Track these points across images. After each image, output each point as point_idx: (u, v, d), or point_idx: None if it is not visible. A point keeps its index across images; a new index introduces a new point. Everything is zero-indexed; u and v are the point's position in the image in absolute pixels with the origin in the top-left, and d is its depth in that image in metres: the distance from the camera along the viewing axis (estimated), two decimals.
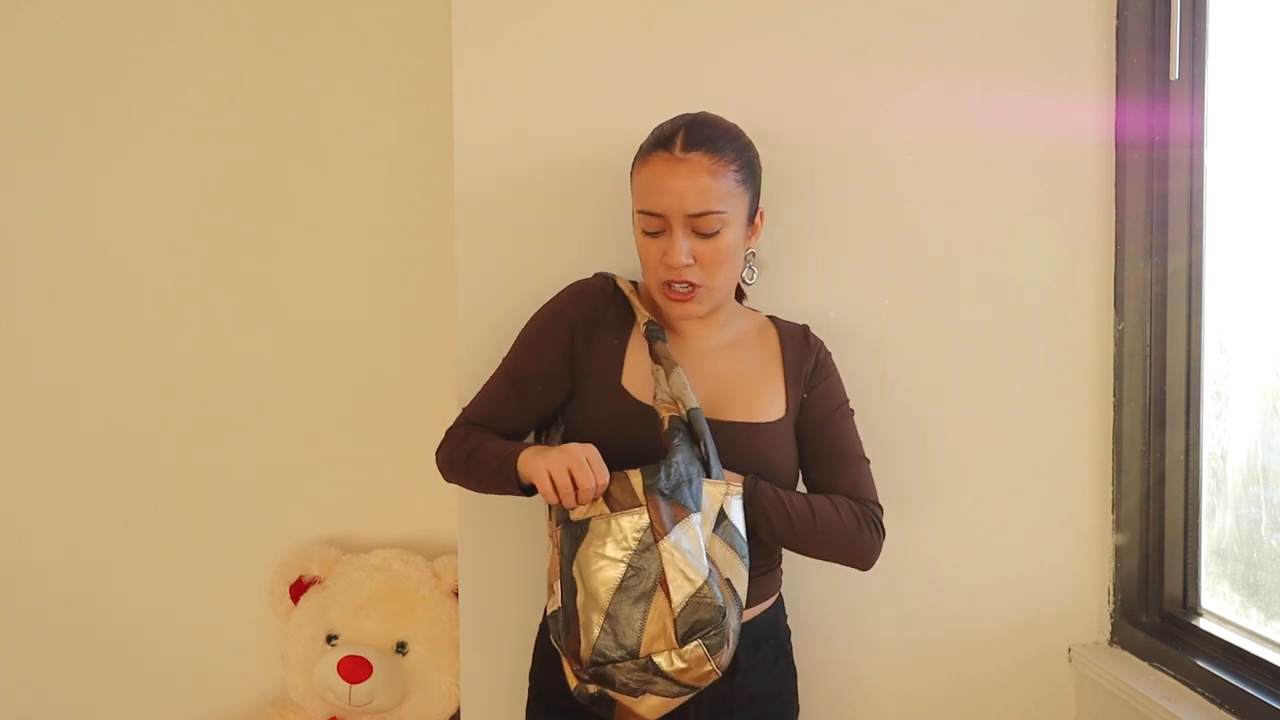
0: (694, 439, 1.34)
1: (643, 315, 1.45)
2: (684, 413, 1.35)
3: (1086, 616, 1.84)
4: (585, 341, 1.45)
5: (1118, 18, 1.78)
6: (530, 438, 1.52)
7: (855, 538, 1.44)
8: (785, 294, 1.71)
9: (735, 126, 1.44)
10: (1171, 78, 1.72)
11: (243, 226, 2.20)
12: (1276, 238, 1.68)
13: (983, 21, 1.77)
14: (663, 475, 1.30)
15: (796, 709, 1.54)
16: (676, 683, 1.26)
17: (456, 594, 1.95)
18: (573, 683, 1.31)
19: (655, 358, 1.41)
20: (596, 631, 1.26)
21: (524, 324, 1.51)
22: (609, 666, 1.26)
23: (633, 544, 1.28)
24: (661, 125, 1.42)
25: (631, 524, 1.29)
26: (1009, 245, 1.79)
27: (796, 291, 1.73)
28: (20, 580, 2.18)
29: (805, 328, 1.57)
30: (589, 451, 1.31)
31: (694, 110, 1.46)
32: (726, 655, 1.28)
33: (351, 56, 2.20)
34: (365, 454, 2.22)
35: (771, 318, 1.58)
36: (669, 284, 1.39)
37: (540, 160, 1.68)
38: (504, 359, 1.51)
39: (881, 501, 1.52)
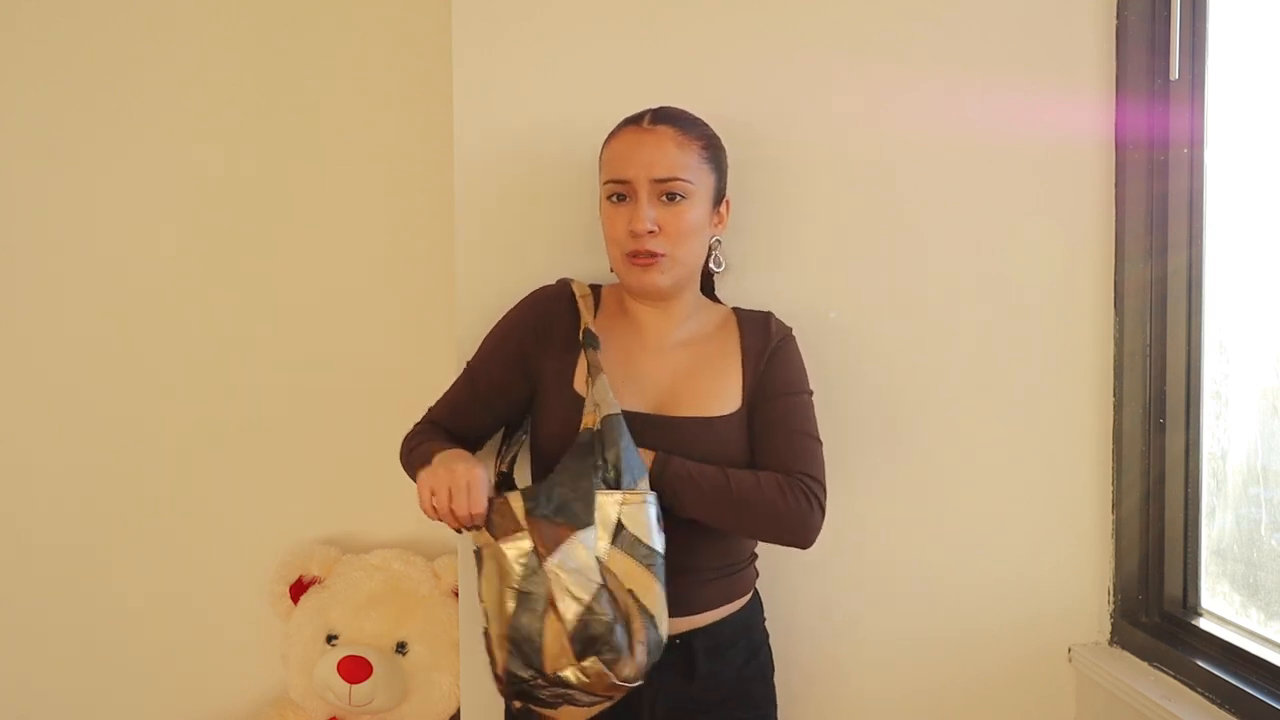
0: (605, 447, 1.33)
1: (587, 321, 1.46)
2: (596, 424, 1.34)
3: (1086, 616, 1.84)
4: (540, 348, 1.47)
5: (1118, 18, 1.78)
6: (500, 436, 1.56)
7: (780, 508, 1.37)
8: (785, 293, 1.71)
9: (702, 119, 1.48)
10: (1171, 78, 1.72)
11: (243, 226, 2.20)
12: (1276, 238, 1.68)
13: (983, 21, 1.77)
14: (542, 498, 1.31)
15: (773, 713, 1.53)
16: (589, 693, 1.29)
17: (456, 594, 1.95)
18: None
19: (588, 366, 1.42)
20: (505, 655, 1.29)
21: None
22: (524, 686, 1.29)
23: (519, 570, 1.29)
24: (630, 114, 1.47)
25: (515, 551, 1.30)
26: (1009, 245, 1.79)
27: (796, 291, 1.73)
28: (20, 579, 2.18)
29: (768, 315, 1.55)
30: (472, 476, 1.31)
31: (689, 111, 1.48)
32: (630, 666, 1.28)
33: (351, 56, 2.20)
34: (365, 454, 2.22)
35: (735, 309, 1.57)
36: (633, 253, 1.41)
37: (540, 160, 1.68)
38: (469, 361, 1.54)
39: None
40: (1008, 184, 1.79)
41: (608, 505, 1.31)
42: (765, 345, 1.50)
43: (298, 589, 2.16)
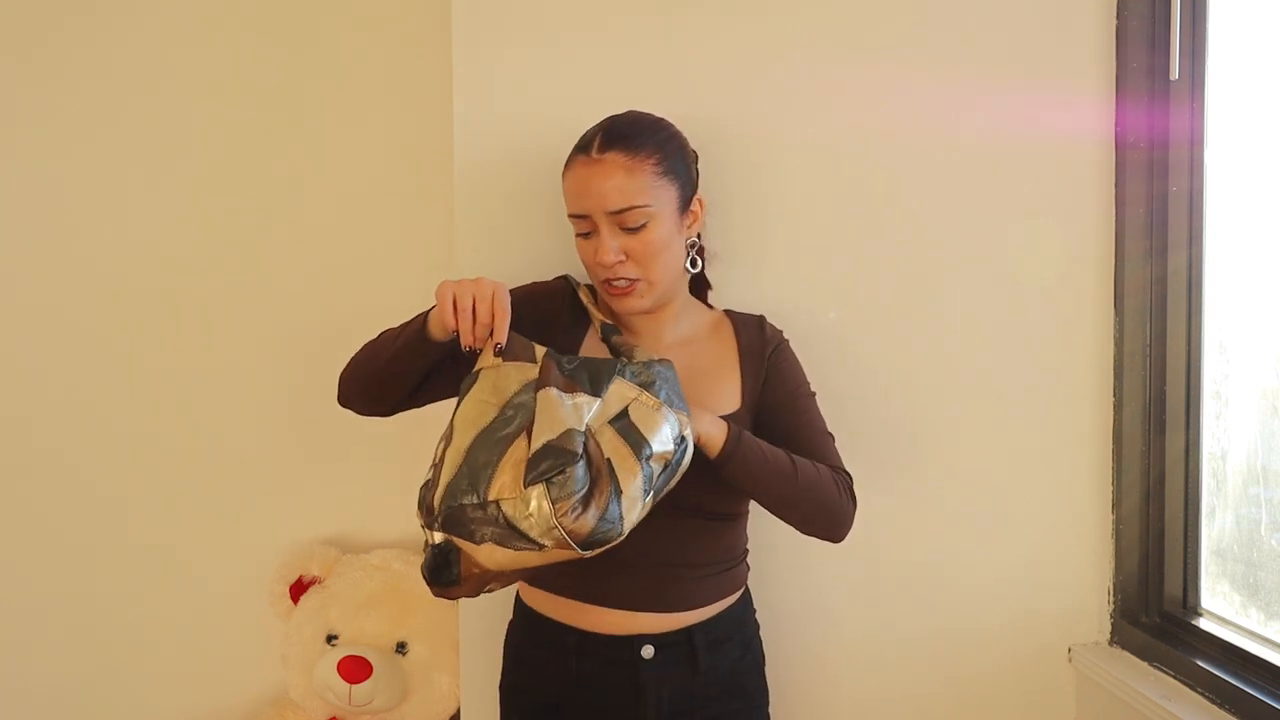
0: (641, 366, 1.30)
1: (598, 318, 1.46)
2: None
3: (1086, 616, 1.84)
4: (542, 333, 1.43)
5: (1118, 18, 1.78)
6: None
7: (833, 501, 1.39)
8: (785, 294, 1.72)
9: (658, 120, 1.44)
10: (1171, 78, 1.72)
11: (242, 225, 2.20)
12: (1276, 238, 1.68)
13: (983, 21, 1.77)
14: (565, 357, 1.28)
15: (766, 702, 1.53)
16: (519, 533, 1.14)
17: None
18: (425, 543, 1.20)
19: (615, 351, 1.40)
20: (452, 473, 1.17)
21: None
22: (457, 509, 1.15)
23: (512, 390, 1.22)
24: (586, 130, 1.42)
25: (520, 374, 1.24)
26: (1009, 245, 1.79)
27: (796, 291, 1.73)
28: (20, 580, 2.18)
29: (761, 318, 1.56)
30: (498, 286, 1.28)
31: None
32: (576, 519, 1.14)
33: (351, 56, 2.20)
34: (365, 454, 2.22)
35: (727, 311, 1.58)
36: (608, 281, 1.41)
37: (539, 158, 1.68)
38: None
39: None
40: (1008, 184, 1.79)
41: (621, 393, 1.25)
42: (763, 347, 1.51)
43: (298, 589, 2.16)
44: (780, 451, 1.38)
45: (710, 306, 1.59)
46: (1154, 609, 1.77)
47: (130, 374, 2.19)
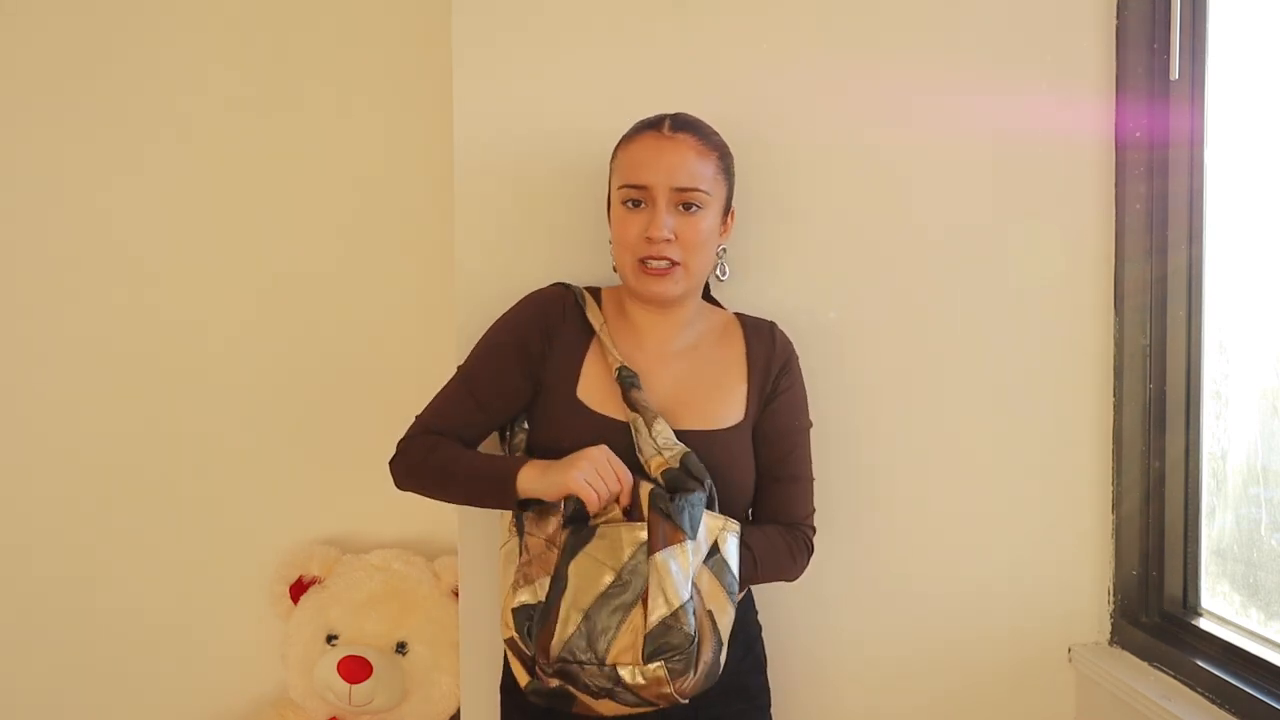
0: (701, 476, 1.36)
1: (614, 355, 1.44)
2: (676, 462, 1.35)
3: (1086, 616, 1.84)
4: (542, 353, 1.45)
5: (1118, 18, 1.78)
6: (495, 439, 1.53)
7: (786, 572, 1.49)
8: (784, 294, 1.72)
9: (715, 130, 1.47)
10: (1171, 78, 1.72)
11: (242, 225, 2.20)
12: (1276, 238, 1.68)
13: (983, 22, 1.77)
14: (667, 498, 1.32)
15: (768, 703, 1.54)
16: (636, 695, 1.29)
17: (456, 594, 1.95)
18: (523, 679, 1.32)
19: (632, 405, 1.40)
20: (571, 630, 1.28)
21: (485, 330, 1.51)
22: (574, 666, 1.28)
23: (626, 555, 1.31)
24: (645, 118, 1.46)
25: (631, 536, 1.32)
26: (1009, 245, 1.79)
27: (796, 291, 1.73)
28: (20, 580, 2.18)
29: (772, 325, 1.56)
30: (610, 454, 1.34)
31: (689, 111, 1.48)
32: (690, 683, 1.29)
33: (351, 56, 2.20)
34: (365, 454, 2.21)
35: (737, 315, 1.57)
36: (646, 260, 1.40)
37: (540, 159, 1.68)
38: (461, 368, 1.51)
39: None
40: (1008, 184, 1.79)
41: (711, 526, 1.35)
42: (771, 359, 1.52)
43: (298, 589, 2.16)
44: (749, 553, 1.42)
45: (717, 305, 1.59)
46: (1154, 609, 1.77)
47: (130, 374, 2.19)
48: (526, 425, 1.49)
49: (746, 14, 1.72)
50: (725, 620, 1.33)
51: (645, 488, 1.34)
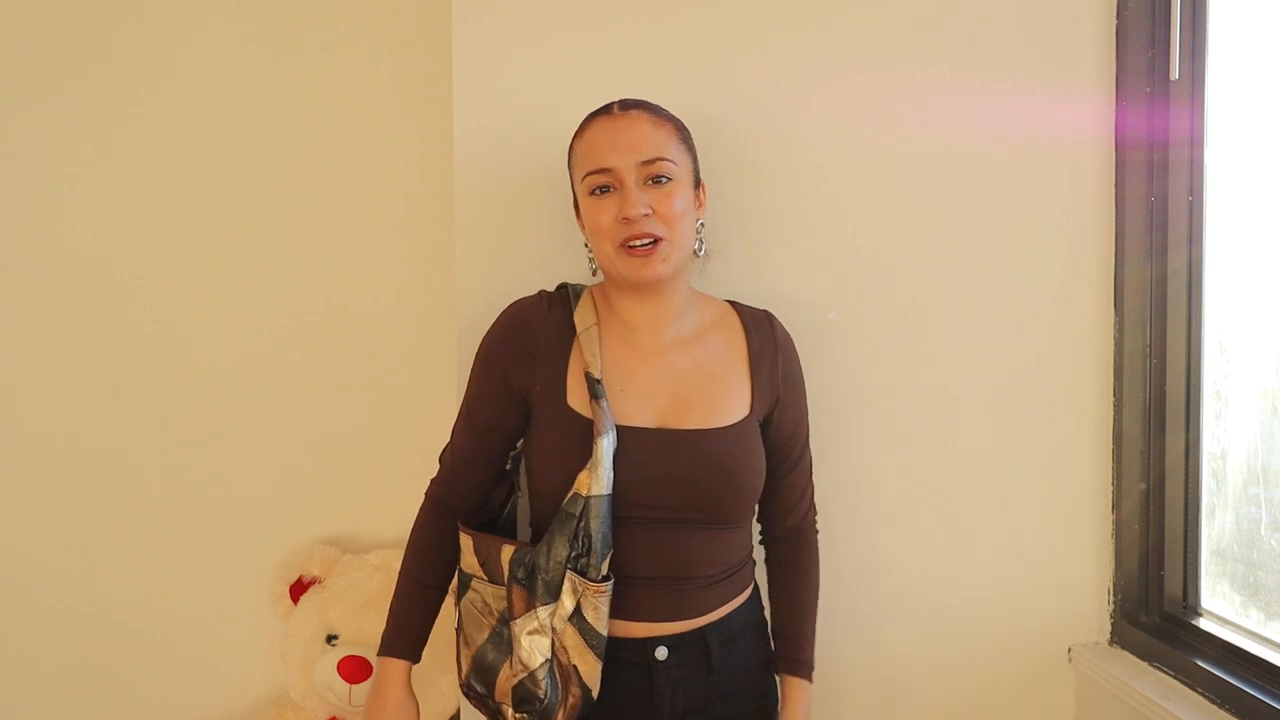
0: (586, 522, 1.34)
1: (584, 321, 1.42)
2: (588, 494, 1.34)
3: (1086, 616, 1.84)
4: (524, 368, 1.42)
5: (1118, 18, 1.78)
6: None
7: (817, 581, 1.60)
8: (785, 293, 1.71)
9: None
10: (1171, 78, 1.72)
11: (243, 226, 2.20)
12: (1276, 238, 1.68)
13: (983, 22, 1.77)
14: (522, 564, 1.38)
15: (776, 702, 1.53)
16: None
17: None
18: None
19: (595, 419, 1.36)
20: (470, 667, 1.45)
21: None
22: (477, 696, 1.45)
23: (497, 613, 1.42)
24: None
25: (496, 598, 1.42)
26: (1009, 245, 1.80)
27: (796, 291, 1.73)
28: (20, 580, 2.18)
29: (769, 315, 1.53)
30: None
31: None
32: None
33: (351, 57, 2.20)
34: (365, 454, 2.22)
35: (732, 303, 1.54)
36: (628, 243, 1.36)
37: (540, 159, 1.68)
38: (463, 404, 1.49)
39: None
40: (1008, 184, 1.79)
41: (573, 588, 1.36)
42: (774, 351, 1.49)
43: (298, 589, 2.16)
44: (809, 630, 1.55)
45: (708, 296, 1.57)
46: (1154, 609, 1.77)
47: (130, 375, 2.18)
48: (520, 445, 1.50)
49: (747, 17, 1.72)
50: (594, 674, 1.37)
51: (506, 552, 1.39)
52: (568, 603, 1.36)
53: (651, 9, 1.70)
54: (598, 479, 1.33)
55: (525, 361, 1.42)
